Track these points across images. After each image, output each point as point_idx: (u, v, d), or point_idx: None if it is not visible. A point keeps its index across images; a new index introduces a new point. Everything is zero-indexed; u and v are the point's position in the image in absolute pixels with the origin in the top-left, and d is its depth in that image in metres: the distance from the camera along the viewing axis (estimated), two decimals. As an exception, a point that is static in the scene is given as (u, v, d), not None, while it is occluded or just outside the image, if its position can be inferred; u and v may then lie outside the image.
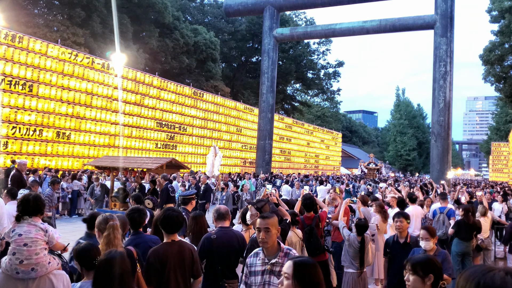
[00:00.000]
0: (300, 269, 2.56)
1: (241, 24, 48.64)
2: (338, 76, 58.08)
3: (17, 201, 4.68)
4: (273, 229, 3.61)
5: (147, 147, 23.85)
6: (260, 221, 3.66)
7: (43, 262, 4.32)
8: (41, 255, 4.34)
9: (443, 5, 25.64)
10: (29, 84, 17.51)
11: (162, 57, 37.07)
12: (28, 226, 4.44)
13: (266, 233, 3.59)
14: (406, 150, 67.49)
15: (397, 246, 5.83)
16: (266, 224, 3.61)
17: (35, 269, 4.26)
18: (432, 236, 4.97)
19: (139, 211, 4.80)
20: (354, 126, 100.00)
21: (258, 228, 3.62)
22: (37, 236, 4.40)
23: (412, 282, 3.00)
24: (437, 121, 25.59)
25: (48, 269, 4.36)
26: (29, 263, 4.24)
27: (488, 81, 42.31)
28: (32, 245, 4.32)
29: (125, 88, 22.48)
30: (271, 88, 30.40)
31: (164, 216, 4.16)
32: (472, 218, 8.50)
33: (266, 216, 3.73)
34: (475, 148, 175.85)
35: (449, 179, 24.91)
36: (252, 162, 33.77)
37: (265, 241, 3.59)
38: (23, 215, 4.50)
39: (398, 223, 5.90)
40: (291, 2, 29.78)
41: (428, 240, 4.94)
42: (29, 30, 24.03)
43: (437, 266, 3.06)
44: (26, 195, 4.67)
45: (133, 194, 8.05)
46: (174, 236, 4.18)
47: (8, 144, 16.61)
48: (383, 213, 8.20)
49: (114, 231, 3.81)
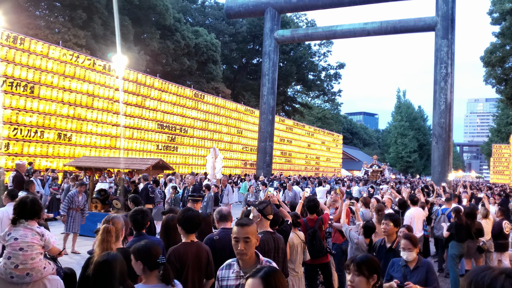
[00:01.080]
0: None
1: (242, 26, 48.68)
2: (339, 78, 58.09)
3: (14, 204, 4.60)
4: (253, 238, 3.24)
5: (148, 148, 23.86)
6: (239, 230, 3.25)
7: (38, 267, 4.29)
8: (36, 260, 4.29)
9: (444, 7, 25.64)
10: (31, 85, 17.52)
11: (163, 59, 37.11)
12: (24, 230, 4.36)
13: (246, 244, 3.20)
14: (407, 152, 67.49)
15: (383, 251, 5.53)
16: (246, 234, 3.22)
17: (30, 274, 4.22)
18: (414, 246, 4.65)
19: (142, 212, 4.78)
20: (355, 128, 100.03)
21: (236, 238, 3.22)
22: (33, 241, 4.33)
23: (356, 283, 2.94)
24: (438, 123, 25.57)
25: (43, 274, 4.33)
26: (24, 267, 4.20)
27: (489, 83, 42.31)
28: (28, 249, 4.26)
29: (126, 90, 22.50)
30: (271, 89, 30.41)
31: (185, 216, 4.17)
32: (465, 219, 8.53)
33: (245, 224, 3.29)
34: (476, 150, 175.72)
35: (450, 181, 24.88)
36: (253, 164, 33.77)
37: (243, 253, 3.19)
38: (19, 218, 4.42)
39: (385, 225, 5.55)
40: (292, 3, 29.79)
41: (411, 251, 4.61)
42: (30, 32, 24.06)
43: (379, 267, 3.05)
44: (23, 198, 4.58)
45: (131, 195, 8.03)
46: (193, 237, 4.20)
47: (9, 146, 16.62)
48: (380, 216, 8.17)
49: (106, 234, 3.79)
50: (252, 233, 3.24)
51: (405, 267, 4.64)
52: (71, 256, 9.87)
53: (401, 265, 4.66)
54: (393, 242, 5.41)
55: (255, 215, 4.50)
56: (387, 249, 5.41)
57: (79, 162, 12.78)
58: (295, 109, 59.13)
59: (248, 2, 30.76)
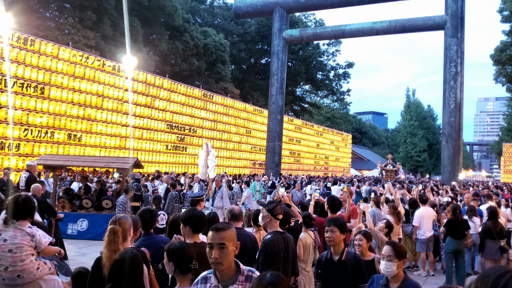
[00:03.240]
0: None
1: (251, 26, 48.70)
2: (348, 77, 57.90)
3: (6, 203, 4.49)
4: (230, 245, 2.82)
5: (158, 148, 23.94)
6: (212, 235, 2.85)
7: (29, 269, 4.20)
8: (27, 261, 4.19)
9: (454, 5, 25.50)
10: (41, 86, 17.64)
11: (172, 60, 37.24)
12: (14, 230, 4.26)
13: (221, 251, 2.78)
14: (416, 152, 67.05)
15: (330, 265, 4.43)
16: (221, 239, 2.81)
17: (21, 276, 4.14)
18: (398, 257, 3.72)
19: (151, 212, 4.76)
20: (364, 127, 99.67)
21: (210, 244, 2.83)
22: (22, 242, 4.23)
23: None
24: (447, 122, 25.44)
25: (37, 275, 4.24)
26: (14, 270, 4.12)
27: (499, 82, 42.06)
28: (17, 251, 4.16)
29: (135, 90, 22.59)
30: (280, 89, 30.41)
31: (191, 216, 4.15)
32: (461, 216, 8.63)
33: (220, 228, 2.88)
34: (486, 149, 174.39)
35: (460, 181, 24.73)
36: (262, 164, 33.76)
37: (218, 262, 2.76)
38: (12, 217, 4.32)
39: (329, 233, 4.44)
40: (300, 3, 29.76)
41: (391, 261, 3.68)
42: (40, 33, 24.23)
43: None
44: (16, 197, 4.46)
45: (154, 195, 8.05)
46: (197, 237, 4.16)
47: (20, 146, 16.75)
48: (397, 215, 8.13)
49: (113, 235, 3.75)
50: (229, 239, 2.84)
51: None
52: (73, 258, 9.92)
53: (381, 285, 3.80)
54: (341, 253, 4.41)
55: (265, 215, 4.49)
56: (336, 263, 4.39)
57: (47, 161, 12.26)
58: (304, 108, 59.04)
59: (256, 2, 30.78)
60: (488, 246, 8.61)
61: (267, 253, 4.19)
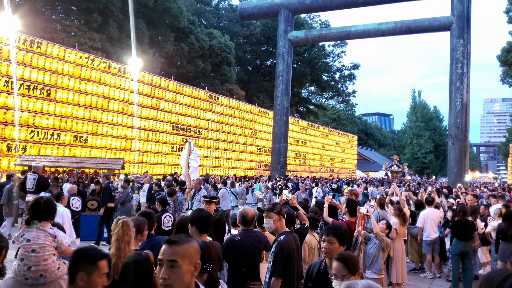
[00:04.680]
0: None
1: (256, 28, 48.72)
2: (354, 79, 57.79)
3: (28, 205, 4.59)
4: (184, 263, 2.18)
5: (163, 150, 23.98)
6: (164, 249, 2.22)
7: (52, 269, 4.29)
8: (49, 261, 4.29)
9: (460, 6, 25.40)
10: (47, 88, 17.74)
11: (177, 61, 37.31)
12: (37, 231, 4.37)
13: (171, 270, 2.16)
14: (422, 153, 66.76)
15: (323, 279, 3.62)
16: (172, 255, 2.18)
17: (43, 276, 4.23)
18: (351, 272, 3.12)
19: (150, 214, 4.80)
20: (369, 128, 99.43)
21: (159, 259, 2.19)
22: (45, 242, 4.33)
23: None
24: (454, 124, 25.33)
25: (58, 274, 4.32)
26: (37, 269, 4.21)
27: (506, 83, 41.79)
28: (40, 251, 4.27)
29: (141, 92, 22.65)
30: (286, 91, 30.39)
31: (198, 216, 4.15)
32: (465, 218, 8.52)
33: (174, 241, 2.24)
34: (493, 151, 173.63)
35: (466, 182, 24.61)
36: (267, 165, 33.76)
37: (167, 284, 2.14)
38: (33, 219, 4.42)
39: (326, 244, 3.75)
40: (305, 5, 29.74)
41: (345, 279, 3.05)
42: (47, 35, 24.36)
43: None
44: (38, 199, 4.56)
45: (158, 196, 7.97)
46: (205, 237, 4.15)
47: (26, 148, 16.84)
48: (402, 217, 8.05)
49: (124, 227, 3.77)
50: (183, 256, 2.19)
51: None
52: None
53: None
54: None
55: (275, 219, 4.46)
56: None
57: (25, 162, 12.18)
58: (309, 110, 58.97)
59: (262, 4, 30.79)
60: (503, 248, 8.51)
61: (284, 254, 4.17)
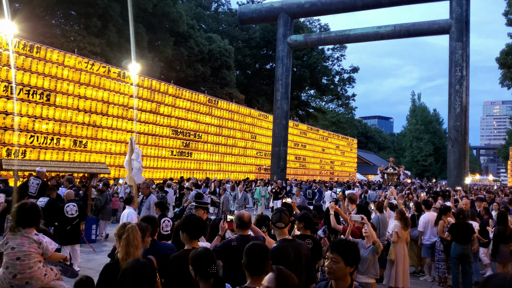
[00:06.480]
0: None
1: (255, 32, 48.79)
2: (353, 82, 57.85)
3: (12, 210, 4.48)
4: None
5: (163, 154, 23.98)
6: None
7: (37, 276, 4.24)
8: (35, 268, 4.23)
9: (458, 9, 25.43)
10: (47, 93, 17.75)
11: (177, 65, 37.34)
12: (21, 238, 4.28)
13: None
14: (422, 156, 66.72)
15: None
16: None
17: (29, 283, 4.18)
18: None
19: (152, 219, 4.77)
20: (369, 131, 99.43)
21: None
22: (30, 250, 4.26)
23: None
24: (453, 126, 25.32)
25: (44, 281, 4.28)
26: (22, 277, 4.16)
27: (505, 85, 41.81)
28: (25, 259, 4.20)
29: (140, 96, 22.68)
30: (285, 94, 30.39)
31: (188, 222, 4.15)
32: (464, 221, 8.49)
33: None
34: (493, 153, 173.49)
35: (466, 185, 24.58)
36: (267, 169, 33.74)
37: None
38: (18, 225, 4.32)
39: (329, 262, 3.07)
40: (304, 9, 29.77)
41: None
42: (46, 40, 24.36)
43: None
44: (22, 204, 4.45)
45: (156, 201, 7.93)
46: (196, 243, 4.14)
47: (26, 153, 16.83)
48: (404, 221, 7.90)
49: (133, 232, 3.74)
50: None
51: None
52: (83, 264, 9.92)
53: None
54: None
55: (281, 228, 4.48)
56: None
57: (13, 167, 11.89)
58: (309, 113, 58.95)
59: (261, 8, 30.86)
60: (502, 251, 8.50)
61: (273, 262, 4.15)
